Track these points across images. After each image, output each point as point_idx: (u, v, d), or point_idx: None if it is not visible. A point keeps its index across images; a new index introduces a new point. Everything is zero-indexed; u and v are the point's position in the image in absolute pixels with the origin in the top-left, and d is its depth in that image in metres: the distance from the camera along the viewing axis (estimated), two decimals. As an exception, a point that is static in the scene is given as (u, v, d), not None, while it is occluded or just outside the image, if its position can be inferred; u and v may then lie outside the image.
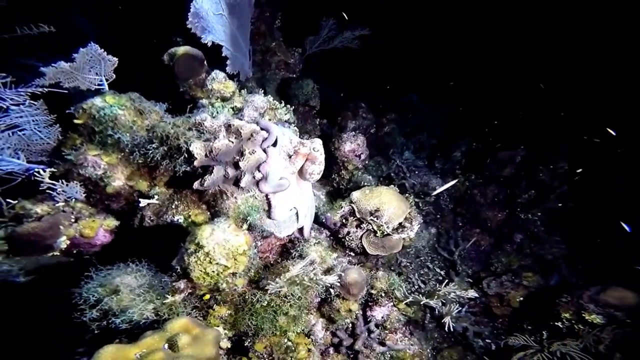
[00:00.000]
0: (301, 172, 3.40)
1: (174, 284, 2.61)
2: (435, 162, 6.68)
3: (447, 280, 4.09)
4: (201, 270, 2.54)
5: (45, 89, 2.95)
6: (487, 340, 5.04)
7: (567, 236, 5.62)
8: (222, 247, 2.53)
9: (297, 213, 3.41)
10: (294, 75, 5.93)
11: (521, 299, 5.20)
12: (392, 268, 4.67)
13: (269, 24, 5.51)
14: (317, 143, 3.36)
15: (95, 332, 2.46)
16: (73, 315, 2.47)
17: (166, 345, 2.09)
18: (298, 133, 3.84)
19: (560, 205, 5.69)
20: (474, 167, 6.42)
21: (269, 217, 3.24)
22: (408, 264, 5.23)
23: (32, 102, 2.94)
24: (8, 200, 2.99)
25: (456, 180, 4.44)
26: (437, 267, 5.50)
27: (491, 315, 5.34)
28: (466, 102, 7.30)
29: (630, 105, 5.64)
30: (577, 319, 4.47)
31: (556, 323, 4.57)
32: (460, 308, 4.92)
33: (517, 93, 6.87)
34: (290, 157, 3.26)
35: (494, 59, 6.99)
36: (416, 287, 4.54)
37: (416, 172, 6.20)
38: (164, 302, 2.55)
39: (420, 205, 5.76)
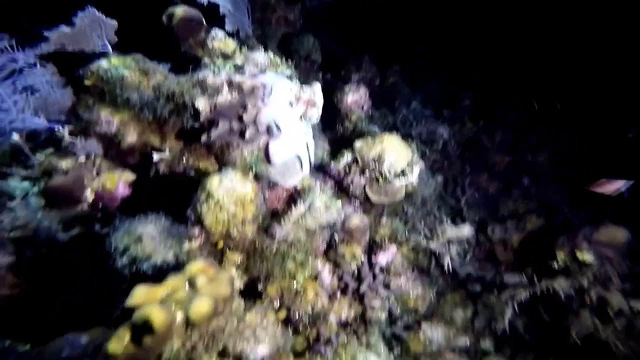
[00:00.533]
0: (302, 117, 3.66)
1: (190, 231, 2.92)
2: (443, 111, 6.82)
3: (446, 222, 4.31)
4: (213, 218, 2.85)
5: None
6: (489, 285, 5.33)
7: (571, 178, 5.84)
8: (230, 195, 2.83)
9: (301, 161, 3.67)
10: (295, 31, 6.10)
11: (523, 241, 5.43)
12: (399, 216, 4.91)
13: (267, -22, 5.68)
14: (317, 88, 3.63)
15: (127, 277, 2.81)
16: (107, 264, 2.85)
17: (187, 285, 2.43)
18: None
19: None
20: (483, 115, 6.59)
21: (269, 163, 3.50)
22: (414, 212, 5.48)
23: (43, 64, 3.22)
24: (37, 155, 3.32)
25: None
26: (444, 214, 5.76)
27: (495, 261, 5.56)
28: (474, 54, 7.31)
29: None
30: (571, 259, 4.71)
31: (552, 263, 4.80)
32: (462, 249, 5.18)
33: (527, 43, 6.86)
34: (291, 104, 3.50)
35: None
36: (422, 234, 4.77)
37: (423, 122, 6.40)
38: (182, 248, 2.87)
39: (427, 153, 5.95)
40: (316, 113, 3.69)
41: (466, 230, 4.11)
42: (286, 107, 3.49)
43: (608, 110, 5.87)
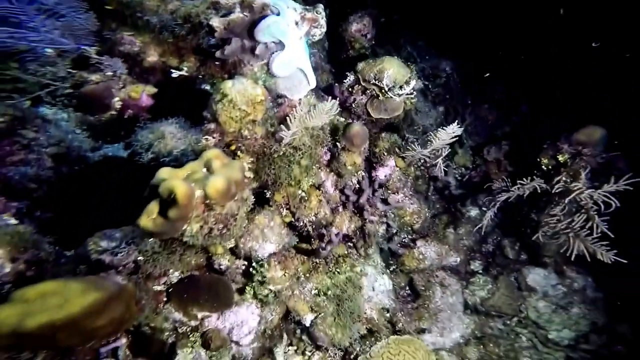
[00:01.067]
0: (307, 35, 3.96)
1: (206, 126, 3.27)
2: (446, 46, 6.93)
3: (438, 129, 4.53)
4: (227, 115, 3.19)
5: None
6: (483, 209, 5.61)
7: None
8: (242, 95, 3.17)
9: (306, 76, 3.97)
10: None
11: (512, 155, 5.73)
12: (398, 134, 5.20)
13: None
14: (320, 7, 3.93)
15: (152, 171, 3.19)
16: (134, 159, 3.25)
17: (204, 169, 2.80)
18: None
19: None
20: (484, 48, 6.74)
21: (269, 71, 3.80)
22: (415, 139, 5.79)
23: None
24: (69, 70, 3.68)
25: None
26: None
27: (490, 181, 5.81)
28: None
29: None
30: (553, 164, 4.94)
31: (537, 172, 4.97)
32: (459, 170, 5.50)
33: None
34: (297, 24, 3.80)
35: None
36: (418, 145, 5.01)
37: (426, 57, 6.66)
38: (199, 144, 3.23)
39: (430, 87, 6.21)
40: (319, 31, 3.97)
41: (453, 126, 4.30)
42: (292, 25, 3.78)
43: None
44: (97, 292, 2.31)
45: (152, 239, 2.91)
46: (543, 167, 5.00)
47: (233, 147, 3.38)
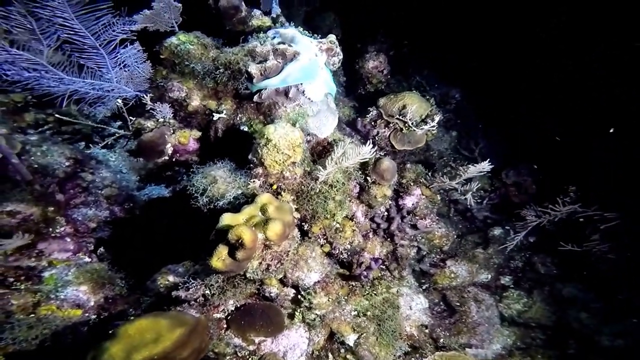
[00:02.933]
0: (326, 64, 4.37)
1: (253, 171, 3.61)
2: (453, 75, 7.26)
3: (466, 163, 4.85)
4: (271, 159, 3.52)
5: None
6: (506, 228, 5.98)
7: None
8: (284, 139, 3.48)
9: (332, 113, 4.33)
10: (315, 9, 6.71)
11: (535, 186, 6.03)
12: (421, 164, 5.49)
13: (289, -38, 6.28)
14: (332, 37, 4.36)
15: (207, 213, 3.56)
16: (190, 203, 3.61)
17: (260, 213, 3.15)
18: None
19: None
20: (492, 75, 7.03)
21: (303, 93, 4.15)
22: (432, 164, 6.13)
23: (133, 41, 3.94)
24: (131, 117, 4.06)
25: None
26: (460, 165, 6.36)
27: (510, 204, 6.16)
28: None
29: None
30: (582, 191, 5.30)
31: (565, 198, 5.35)
32: (479, 186, 5.78)
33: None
34: (316, 55, 4.18)
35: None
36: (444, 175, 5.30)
37: (435, 85, 7.00)
38: (248, 187, 3.57)
39: (441, 112, 6.53)
40: (337, 59, 4.40)
41: (485, 164, 4.60)
42: (314, 57, 4.17)
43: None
44: (181, 327, 2.68)
45: (217, 275, 3.23)
46: (571, 193, 5.35)
47: (275, 187, 3.70)
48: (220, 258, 2.87)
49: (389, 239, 4.72)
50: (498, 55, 6.73)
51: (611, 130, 5.31)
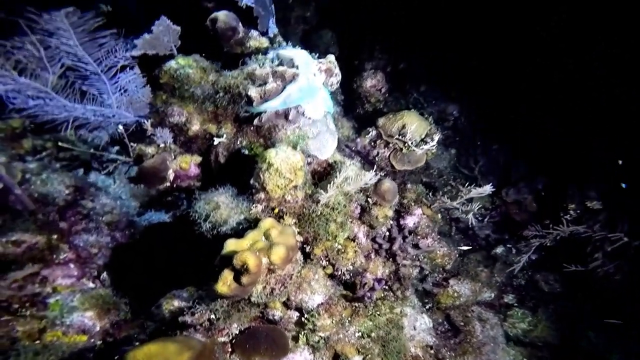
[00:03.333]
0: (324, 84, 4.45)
1: (255, 196, 3.69)
2: (451, 91, 7.38)
3: (467, 184, 4.95)
4: (273, 183, 3.59)
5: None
6: (508, 246, 6.08)
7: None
8: (285, 162, 3.56)
9: (331, 135, 4.43)
10: (312, 27, 6.82)
11: (535, 205, 6.14)
12: (421, 183, 5.62)
13: (286, -18, 6.41)
14: (331, 57, 4.43)
15: (210, 239, 3.64)
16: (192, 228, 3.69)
17: (263, 237, 3.23)
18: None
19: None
20: (489, 90, 7.17)
21: (303, 115, 4.24)
22: (432, 182, 6.22)
23: (133, 66, 4.03)
24: (132, 144, 4.14)
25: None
26: (460, 184, 6.45)
27: (511, 221, 6.30)
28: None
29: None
30: (581, 209, 5.44)
31: (565, 216, 5.49)
32: (480, 206, 5.87)
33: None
34: (315, 75, 4.27)
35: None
36: (445, 195, 5.41)
37: (433, 102, 7.10)
38: (250, 212, 3.65)
39: (439, 129, 6.64)
40: (335, 79, 4.47)
41: (487, 188, 4.69)
42: (313, 77, 4.25)
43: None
44: (189, 351, 2.73)
45: (222, 300, 3.29)
46: (571, 211, 5.47)
47: (276, 211, 3.77)
48: (225, 283, 2.94)
49: (391, 259, 4.75)
50: (497, 54, 6.83)
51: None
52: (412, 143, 4.86)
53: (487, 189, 4.68)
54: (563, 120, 6.29)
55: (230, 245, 3.09)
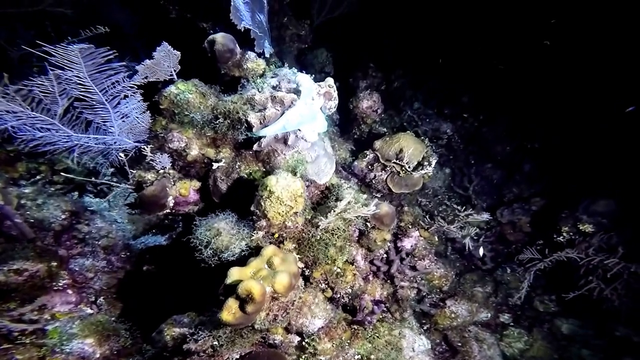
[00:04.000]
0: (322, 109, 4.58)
1: (257, 223, 3.78)
2: (444, 109, 7.57)
3: (464, 208, 5.11)
4: (274, 211, 3.68)
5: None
6: (503, 265, 6.23)
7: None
8: (286, 190, 3.66)
9: (329, 160, 4.57)
10: (306, 46, 6.95)
11: (529, 224, 6.31)
12: (417, 205, 5.77)
13: (281, 1, 6.52)
14: (330, 81, 4.57)
15: (212, 265, 3.73)
16: (195, 255, 3.77)
17: (266, 265, 3.33)
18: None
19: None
20: (482, 109, 7.36)
21: (302, 139, 4.32)
22: (427, 202, 6.35)
23: (134, 92, 4.12)
24: (131, 170, 4.22)
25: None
26: (455, 203, 6.61)
27: (505, 241, 6.46)
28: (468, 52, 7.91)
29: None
30: (574, 231, 5.64)
31: (558, 238, 5.74)
32: (478, 233, 6.02)
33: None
34: (313, 99, 4.38)
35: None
36: (443, 219, 5.62)
37: (427, 120, 7.22)
38: (251, 238, 3.74)
39: (434, 148, 6.76)
40: (333, 103, 4.60)
41: (485, 216, 4.88)
42: (312, 102, 4.37)
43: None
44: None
45: (226, 327, 3.38)
46: (564, 234, 5.69)
47: (277, 236, 3.85)
48: (230, 312, 3.03)
49: (389, 281, 4.91)
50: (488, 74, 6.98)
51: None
52: (409, 167, 4.98)
53: (485, 216, 4.85)
54: (556, 141, 6.49)
55: (234, 274, 3.18)
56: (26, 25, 4.87)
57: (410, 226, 4.99)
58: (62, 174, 4.48)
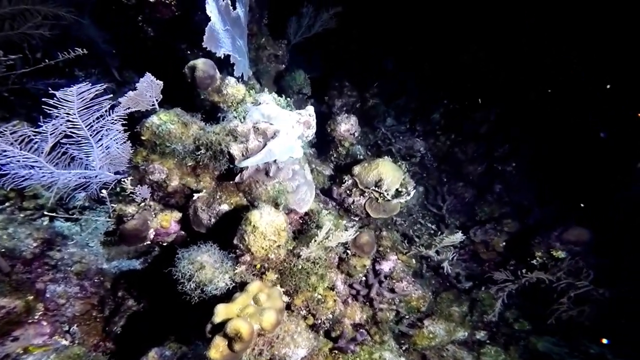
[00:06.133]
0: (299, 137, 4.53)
1: (240, 258, 3.71)
2: (416, 125, 7.66)
3: (439, 232, 5.15)
4: (258, 245, 3.64)
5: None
6: (476, 282, 6.26)
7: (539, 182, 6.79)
8: (270, 225, 3.62)
9: (309, 190, 4.54)
10: (284, 66, 6.88)
11: (504, 244, 6.42)
12: (390, 227, 5.75)
13: (259, 22, 6.41)
14: (311, 110, 4.57)
15: (196, 298, 3.63)
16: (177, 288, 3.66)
17: (252, 301, 3.26)
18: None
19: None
20: (453, 127, 7.44)
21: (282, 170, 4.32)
22: (402, 222, 6.35)
23: (117, 125, 3.99)
24: (112, 205, 4.10)
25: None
26: (429, 222, 6.65)
27: (479, 260, 6.53)
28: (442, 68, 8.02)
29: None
30: (547, 256, 5.83)
31: (532, 261, 5.90)
32: (453, 254, 6.03)
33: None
34: (292, 127, 4.37)
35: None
36: (420, 244, 5.63)
37: (400, 137, 7.24)
38: (235, 272, 3.67)
39: (407, 166, 6.81)
40: (311, 132, 4.61)
41: (458, 236, 4.95)
42: (292, 130, 4.35)
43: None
44: None
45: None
46: (537, 258, 5.91)
47: (259, 267, 3.80)
48: (218, 350, 2.97)
49: (368, 304, 4.87)
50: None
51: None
52: (387, 194, 4.97)
53: (458, 237, 4.89)
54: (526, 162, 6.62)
55: (221, 312, 3.11)
56: (6, 50, 4.70)
57: (388, 250, 4.99)
58: (45, 212, 4.36)
